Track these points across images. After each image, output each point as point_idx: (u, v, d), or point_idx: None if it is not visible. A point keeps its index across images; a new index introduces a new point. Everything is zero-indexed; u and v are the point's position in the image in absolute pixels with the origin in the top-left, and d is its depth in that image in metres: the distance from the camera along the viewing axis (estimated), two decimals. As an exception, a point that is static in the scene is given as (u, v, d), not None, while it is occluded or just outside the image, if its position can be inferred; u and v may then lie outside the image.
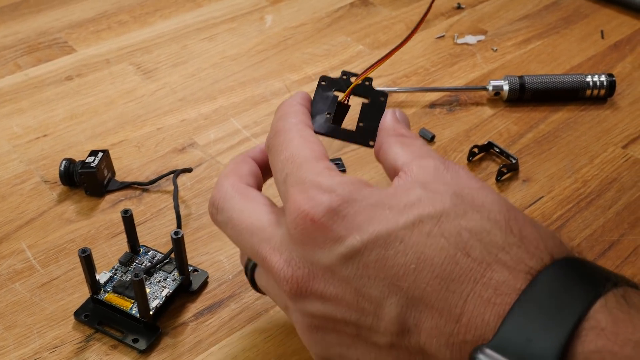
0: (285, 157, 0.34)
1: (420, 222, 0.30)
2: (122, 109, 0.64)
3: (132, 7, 0.80)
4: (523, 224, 0.31)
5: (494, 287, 0.28)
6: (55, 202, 0.55)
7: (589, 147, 0.59)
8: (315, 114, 0.39)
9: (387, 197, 0.32)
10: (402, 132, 0.37)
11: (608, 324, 0.26)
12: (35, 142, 0.60)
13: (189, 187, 0.56)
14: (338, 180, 0.32)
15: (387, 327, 0.30)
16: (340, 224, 0.31)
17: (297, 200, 0.32)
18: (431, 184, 0.32)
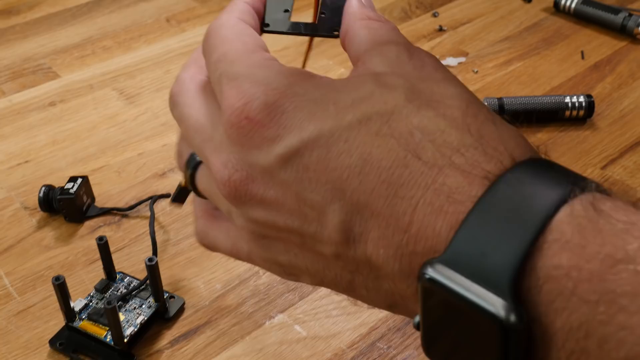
0: (217, 57, 0.31)
1: (368, 120, 0.27)
2: (104, 134, 0.64)
3: (117, 32, 0.80)
4: (484, 121, 0.27)
5: (447, 194, 0.25)
6: (34, 229, 0.55)
7: (569, 167, 0.59)
8: (271, 13, 0.35)
9: (334, 91, 0.28)
10: (369, 15, 0.33)
11: (574, 235, 0.23)
12: (17, 168, 0.61)
13: (167, 212, 0.56)
14: (277, 71, 0.29)
15: (331, 235, 0.27)
16: (277, 121, 0.28)
17: (230, 96, 0.29)
18: (387, 77, 0.28)
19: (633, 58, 0.74)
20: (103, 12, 0.84)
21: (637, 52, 0.75)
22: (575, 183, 0.25)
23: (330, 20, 0.34)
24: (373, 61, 0.30)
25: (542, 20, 0.81)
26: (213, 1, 0.86)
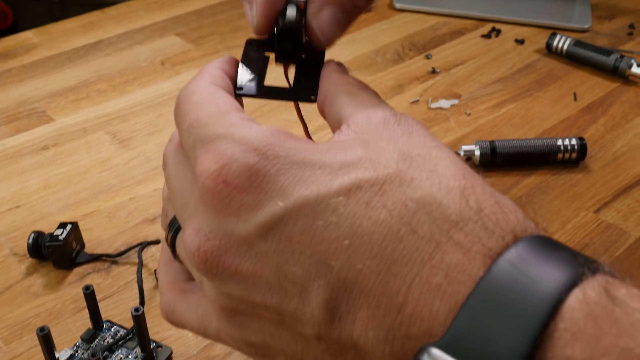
0: (189, 122, 0.29)
1: (358, 188, 0.25)
2: (96, 179, 0.64)
3: (112, 75, 0.81)
4: (481, 193, 0.25)
5: (445, 272, 0.23)
6: (23, 275, 0.54)
7: (561, 212, 0.59)
8: (243, 77, 0.34)
9: (320, 153, 0.26)
10: (349, 81, 0.31)
11: (587, 324, 0.21)
12: (8, 213, 0.60)
13: (157, 258, 0.55)
14: (256, 130, 0.27)
15: (314, 313, 0.25)
16: (259, 185, 0.25)
17: (205, 160, 0.26)
18: (376, 141, 0.27)
19: (626, 99, 0.74)
20: (99, 56, 0.85)
21: (629, 94, 0.75)
22: (584, 264, 0.23)
23: (306, 85, 0.33)
24: (359, 125, 0.28)
25: (535, 61, 0.82)
26: (208, 44, 0.87)
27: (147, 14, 0.95)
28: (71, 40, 0.89)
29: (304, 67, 0.34)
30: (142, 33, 0.90)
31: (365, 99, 0.30)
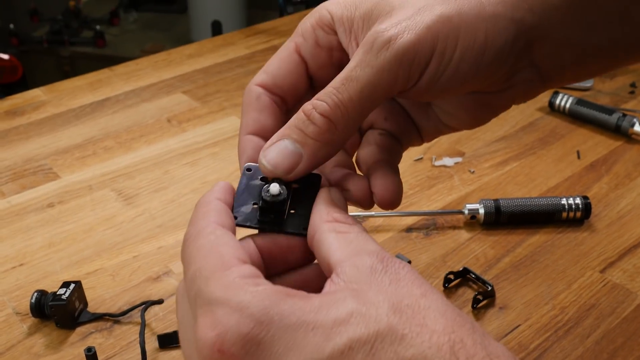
0: (193, 271, 0.30)
1: (350, 349, 0.26)
2: (100, 237, 0.64)
3: (119, 132, 0.81)
4: (472, 347, 0.26)
5: None
6: (25, 335, 0.54)
7: (567, 271, 0.59)
8: (240, 206, 0.35)
9: (313, 312, 0.27)
10: (335, 217, 0.32)
11: None
12: (11, 271, 0.60)
13: (160, 317, 0.55)
14: (251, 295, 0.28)
15: None
16: (253, 354, 0.26)
17: (203, 325, 0.28)
18: (365, 292, 0.28)
19: (629, 158, 0.74)
20: (106, 113, 0.86)
21: (632, 152, 0.75)
22: None
23: (299, 217, 0.34)
24: (347, 274, 0.29)
25: (538, 119, 0.82)
26: (214, 102, 0.88)
27: (155, 71, 0.96)
28: (79, 98, 0.90)
29: (299, 196, 0.35)
30: (149, 91, 0.91)
31: (352, 240, 0.31)
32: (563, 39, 0.35)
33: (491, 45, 0.34)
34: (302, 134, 0.34)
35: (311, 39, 0.38)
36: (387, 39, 0.33)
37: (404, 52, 0.33)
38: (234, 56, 1.01)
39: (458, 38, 0.33)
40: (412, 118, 0.41)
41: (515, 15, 0.34)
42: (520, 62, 0.35)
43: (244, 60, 0.99)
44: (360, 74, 0.33)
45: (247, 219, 0.34)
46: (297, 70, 0.38)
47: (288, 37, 0.41)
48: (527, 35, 0.34)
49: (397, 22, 0.33)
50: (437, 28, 0.33)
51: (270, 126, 0.38)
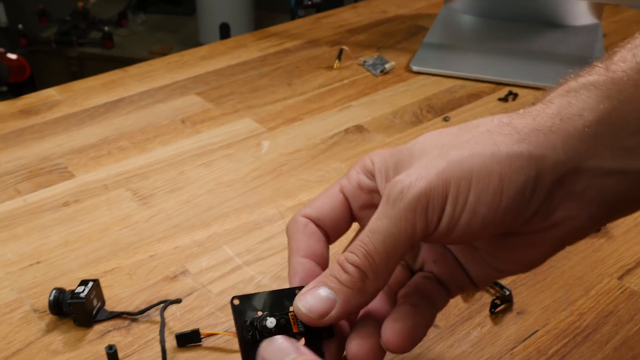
0: None
1: None
2: (116, 236, 0.64)
3: (133, 133, 0.82)
4: None
5: None
6: (43, 332, 0.54)
7: (584, 277, 0.59)
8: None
9: None
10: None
11: None
12: (28, 269, 0.60)
13: (178, 317, 0.55)
14: None
15: None
16: None
17: None
18: None
19: (644, 165, 0.74)
20: (120, 113, 0.86)
21: (647, 159, 0.75)
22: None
23: None
24: None
25: (552, 126, 0.82)
26: (227, 103, 0.88)
27: (168, 73, 0.97)
28: (93, 98, 0.90)
29: None
30: (163, 92, 0.91)
31: None
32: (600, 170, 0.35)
33: (508, 186, 0.34)
34: (337, 281, 0.36)
35: (354, 182, 0.41)
36: (401, 189, 0.35)
37: (416, 200, 0.34)
38: (246, 58, 1.01)
39: (471, 181, 0.34)
40: (460, 263, 0.41)
41: (534, 152, 0.34)
42: (555, 199, 0.35)
43: (257, 63, 0.99)
44: (380, 225, 0.35)
45: None
46: (341, 208, 0.42)
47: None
48: (554, 171, 0.34)
49: (412, 172, 0.35)
50: (448, 173, 0.34)
51: (319, 251, 0.41)
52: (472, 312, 0.55)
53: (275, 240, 0.63)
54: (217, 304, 0.56)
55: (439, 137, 0.37)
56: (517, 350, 0.52)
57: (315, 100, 0.89)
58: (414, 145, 0.38)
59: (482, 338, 0.53)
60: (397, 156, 0.39)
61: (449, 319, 0.55)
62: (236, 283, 0.58)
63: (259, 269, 0.60)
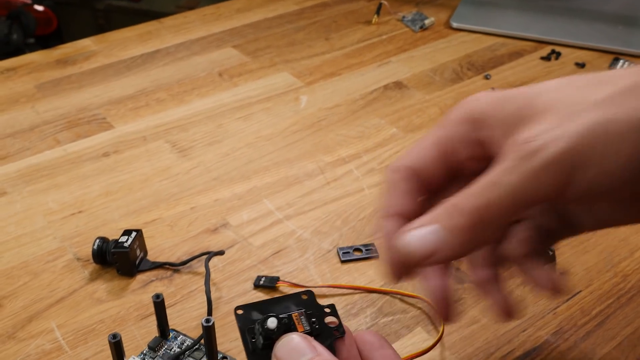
0: None
1: None
2: (157, 187, 0.64)
3: (170, 85, 0.81)
4: None
5: None
6: (86, 281, 0.54)
7: (629, 239, 0.58)
8: None
9: None
10: None
11: None
12: (70, 218, 0.61)
13: (220, 269, 0.55)
14: None
15: None
16: None
17: None
18: None
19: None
20: (157, 65, 0.86)
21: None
22: None
23: None
24: None
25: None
26: (264, 57, 0.87)
27: (204, 25, 0.96)
28: (129, 49, 0.90)
29: None
30: (199, 44, 0.91)
31: None
32: None
33: None
34: (446, 224, 0.33)
35: (456, 132, 0.38)
36: (537, 147, 0.32)
37: (554, 161, 0.32)
38: (283, 12, 1.00)
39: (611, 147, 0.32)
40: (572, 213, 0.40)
41: None
42: None
43: (294, 17, 0.98)
44: (506, 180, 0.32)
45: None
46: (440, 160, 0.39)
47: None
48: None
49: (547, 129, 0.32)
50: (590, 137, 0.32)
51: (411, 211, 0.38)
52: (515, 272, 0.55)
53: (315, 195, 0.63)
54: (258, 256, 0.56)
55: (569, 89, 0.34)
56: (560, 310, 0.52)
57: (353, 55, 0.87)
58: (538, 97, 0.35)
59: (525, 297, 0.53)
60: (515, 105, 0.35)
61: (491, 278, 0.54)
62: (277, 237, 0.58)
63: (299, 223, 0.60)
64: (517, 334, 0.50)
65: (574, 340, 0.49)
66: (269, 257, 0.56)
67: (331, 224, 0.60)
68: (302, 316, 0.37)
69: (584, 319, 0.51)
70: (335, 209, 0.62)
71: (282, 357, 0.34)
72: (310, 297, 0.38)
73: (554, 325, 0.50)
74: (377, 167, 0.67)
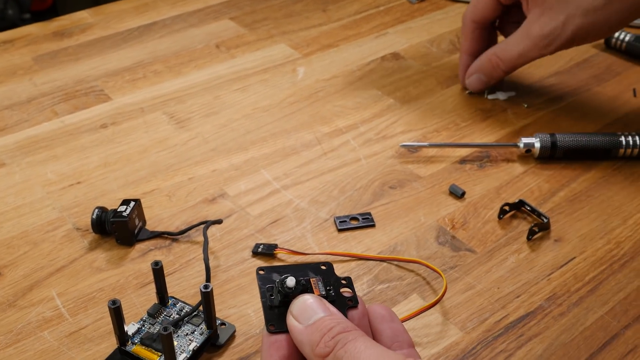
0: None
1: None
2: (155, 158, 0.65)
3: (167, 57, 0.81)
4: None
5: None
6: (86, 250, 0.55)
7: (622, 207, 0.59)
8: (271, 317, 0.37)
9: None
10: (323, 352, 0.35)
11: None
12: (69, 189, 0.61)
13: (218, 237, 0.56)
14: None
15: None
16: None
17: None
18: None
19: (687, 97, 0.73)
20: (153, 37, 0.86)
21: (690, 91, 0.74)
22: None
23: None
24: None
25: (593, 56, 0.81)
26: (262, 29, 0.87)
27: (200, -3, 0.95)
28: (126, 21, 0.89)
29: None
30: (196, 16, 0.90)
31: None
32: None
33: None
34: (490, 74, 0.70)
35: None
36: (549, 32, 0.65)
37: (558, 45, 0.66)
38: (280, -17, 0.99)
39: None
40: None
41: None
42: None
43: (291, -12, 0.98)
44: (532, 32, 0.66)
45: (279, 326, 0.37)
46: (495, 5, 0.68)
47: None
48: None
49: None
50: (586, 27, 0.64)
51: (480, 49, 0.71)
52: (509, 239, 0.56)
53: (312, 165, 0.63)
54: (256, 226, 0.57)
55: None
56: (554, 276, 0.52)
57: (350, 26, 0.87)
58: None
59: (520, 264, 0.53)
60: None
61: (486, 245, 0.55)
62: (274, 206, 0.59)
63: (296, 193, 0.60)
64: (511, 299, 0.50)
65: (567, 305, 0.50)
66: (266, 227, 0.57)
67: (328, 193, 0.60)
68: (320, 282, 0.38)
69: (577, 285, 0.52)
70: (332, 178, 0.62)
71: (297, 314, 0.35)
72: (328, 268, 0.40)
73: (547, 291, 0.51)
74: (374, 138, 0.67)
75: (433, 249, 0.55)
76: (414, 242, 0.55)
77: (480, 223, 0.57)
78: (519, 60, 0.67)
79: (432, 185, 0.61)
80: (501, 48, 0.68)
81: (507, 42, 0.67)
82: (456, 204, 0.59)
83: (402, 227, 0.57)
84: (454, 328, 0.48)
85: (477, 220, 0.57)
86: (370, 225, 0.57)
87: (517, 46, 0.66)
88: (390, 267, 0.53)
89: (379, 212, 0.58)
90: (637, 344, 0.47)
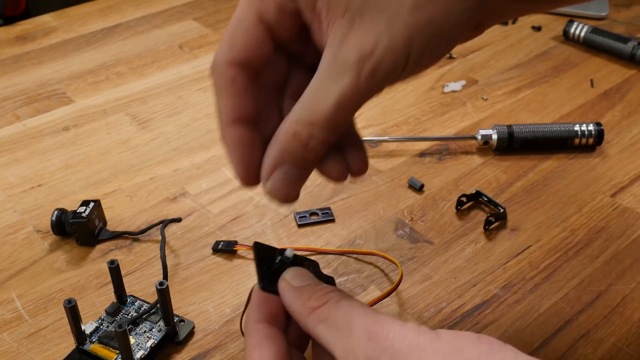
0: None
1: None
2: (117, 159, 0.65)
3: (130, 58, 0.81)
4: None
5: None
6: (46, 252, 0.55)
7: (578, 195, 0.60)
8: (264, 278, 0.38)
9: None
10: (312, 305, 0.35)
11: None
12: (30, 192, 0.61)
13: (179, 236, 0.56)
14: None
15: None
16: None
17: None
18: None
19: (642, 86, 0.74)
20: (117, 39, 0.86)
21: (646, 81, 0.75)
22: None
23: None
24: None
25: (552, 48, 0.82)
26: (225, 28, 0.87)
27: (165, -2, 0.95)
28: (89, 24, 0.89)
29: None
30: (160, 17, 0.90)
31: (339, 327, 0.33)
32: None
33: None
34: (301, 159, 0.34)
35: (273, 5, 0.34)
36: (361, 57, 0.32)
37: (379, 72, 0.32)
38: (244, -17, 0.99)
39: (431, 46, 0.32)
40: None
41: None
42: None
43: (255, -12, 0.98)
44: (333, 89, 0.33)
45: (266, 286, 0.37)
46: (264, 40, 0.35)
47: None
48: None
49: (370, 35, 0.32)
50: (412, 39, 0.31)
51: (251, 110, 0.35)
52: (466, 230, 0.56)
53: (273, 162, 0.64)
54: (216, 223, 0.57)
55: None
56: (510, 264, 0.53)
57: (313, 24, 0.88)
58: None
59: (476, 254, 0.54)
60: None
61: (444, 236, 0.56)
62: (235, 203, 0.59)
63: (257, 190, 0.61)
64: (468, 289, 0.51)
65: (522, 293, 0.51)
66: (227, 224, 0.57)
67: (289, 189, 0.61)
68: (311, 267, 0.39)
69: (532, 273, 0.53)
70: (293, 175, 0.62)
71: (289, 279, 0.36)
72: (315, 269, 0.40)
73: (503, 279, 0.52)
74: (335, 134, 0.68)
75: (392, 241, 0.55)
76: (372, 235, 0.56)
77: (438, 215, 0.58)
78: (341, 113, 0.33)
79: (392, 179, 0.62)
80: (305, 107, 0.34)
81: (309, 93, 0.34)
82: (415, 196, 0.60)
83: (361, 220, 0.57)
84: (411, 318, 0.49)
85: (436, 212, 0.58)
86: (330, 220, 0.57)
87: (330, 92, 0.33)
88: (349, 260, 0.54)
89: (338, 206, 0.59)
90: (590, 328, 0.48)
